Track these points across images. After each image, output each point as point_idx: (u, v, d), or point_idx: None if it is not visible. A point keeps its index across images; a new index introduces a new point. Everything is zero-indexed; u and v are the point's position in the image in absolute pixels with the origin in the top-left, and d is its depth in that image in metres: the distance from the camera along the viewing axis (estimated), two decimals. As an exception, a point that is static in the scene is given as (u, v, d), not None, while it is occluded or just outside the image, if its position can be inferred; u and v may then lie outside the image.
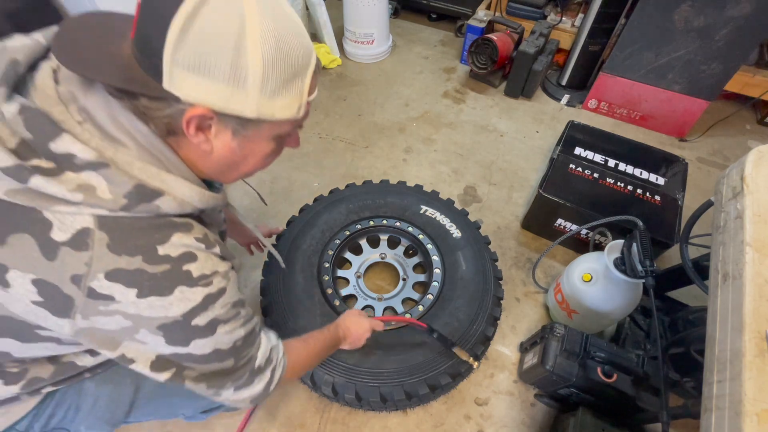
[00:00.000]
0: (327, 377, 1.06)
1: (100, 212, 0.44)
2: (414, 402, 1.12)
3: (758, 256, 0.62)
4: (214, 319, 0.54)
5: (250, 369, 0.64)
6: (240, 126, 0.48)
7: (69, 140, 0.43)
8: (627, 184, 1.45)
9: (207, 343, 0.55)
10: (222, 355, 0.58)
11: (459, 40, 2.58)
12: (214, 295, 0.53)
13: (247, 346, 0.62)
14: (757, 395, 0.52)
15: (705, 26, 1.64)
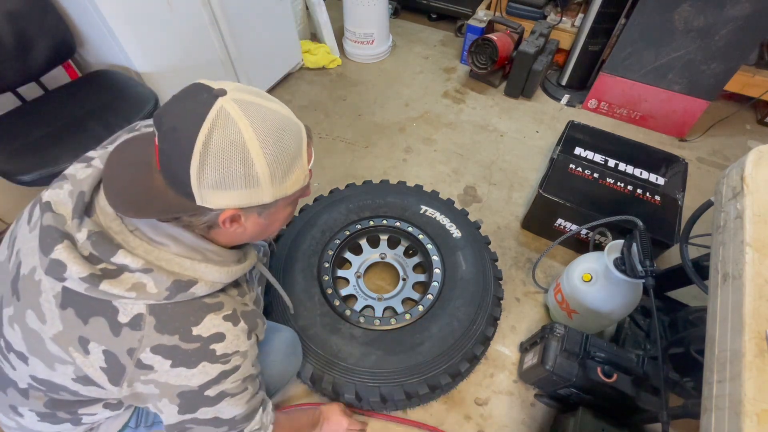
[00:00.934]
0: (327, 376, 1.06)
1: (150, 301, 0.57)
2: (414, 402, 1.12)
3: (758, 256, 0.62)
4: (223, 391, 0.63)
5: None
6: (263, 209, 0.60)
7: (123, 254, 0.56)
8: (627, 184, 1.45)
9: (211, 410, 0.64)
10: (219, 423, 0.66)
11: (459, 40, 2.58)
12: (229, 371, 0.62)
13: (244, 420, 0.70)
14: (757, 395, 0.52)
15: (705, 26, 1.64)
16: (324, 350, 1.08)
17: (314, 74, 2.31)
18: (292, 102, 2.15)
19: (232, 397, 0.65)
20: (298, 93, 2.20)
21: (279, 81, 2.20)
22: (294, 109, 2.25)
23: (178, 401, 0.61)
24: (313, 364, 1.08)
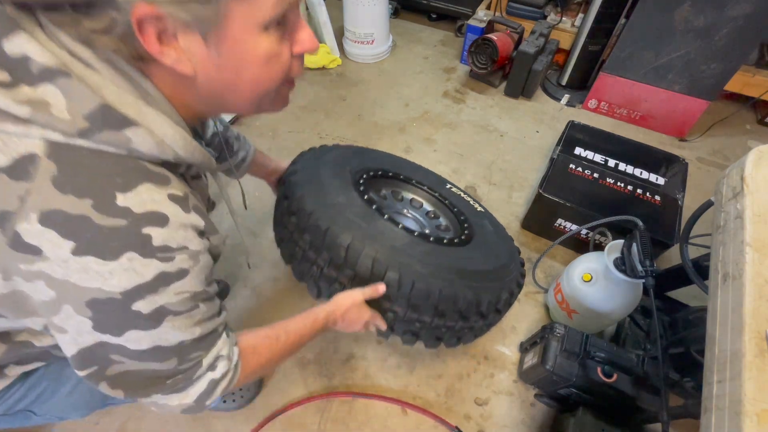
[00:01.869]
0: (368, 249, 0.85)
1: (53, 137, 0.35)
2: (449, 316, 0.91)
3: (758, 256, 0.62)
4: (162, 307, 0.43)
5: (186, 377, 0.52)
6: (204, 22, 0.36)
7: (23, 39, 0.33)
8: (627, 184, 1.45)
9: (146, 336, 0.44)
10: (162, 354, 0.47)
11: (459, 40, 2.58)
12: (171, 275, 0.42)
13: (198, 348, 0.51)
14: (757, 395, 0.52)
15: (705, 26, 1.64)
16: (368, 224, 0.90)
17: (314, 74, 2.31)
18: (292, 102, 2.14)
19: (176, 317, 0.45)
20: (298, 93, 2.20)
21: (279, 81, 2.20)
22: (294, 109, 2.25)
23: (89, 313, 0.40)
24: (352, 233, 0.86)
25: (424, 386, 1.24)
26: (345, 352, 1.30)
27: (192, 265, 0.45)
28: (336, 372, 1.26)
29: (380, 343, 1.32)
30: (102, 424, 1.16)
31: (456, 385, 1.24)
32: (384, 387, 1.23)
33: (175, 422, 1.15)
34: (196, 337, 0.49)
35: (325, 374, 1.25)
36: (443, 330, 0.95)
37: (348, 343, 1.31)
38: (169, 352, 0.47)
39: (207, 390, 0.55)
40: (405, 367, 1.27)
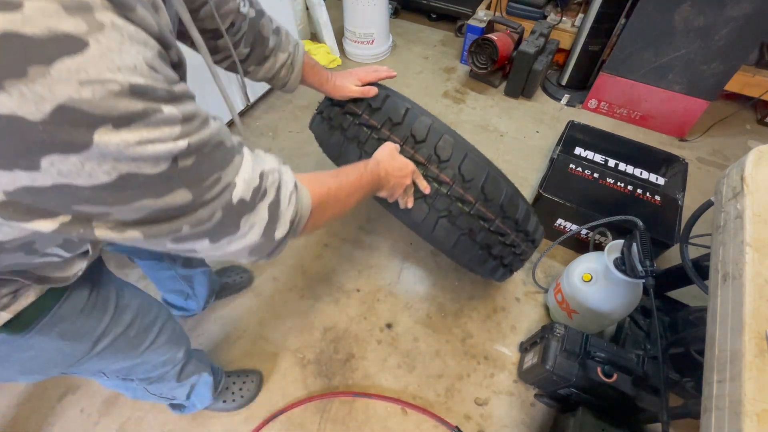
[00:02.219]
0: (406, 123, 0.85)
1: None
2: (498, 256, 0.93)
3: (758, 256, 0.62)
4: (65, 108, 0.26)
5: (224, 204, 0.39)
6: None
7: None
8: (627, 184, 1.45)
9: (89, 163, 0.29)
10: (152, 186, 0.33)
11: (459, 40, 2.58)
12: (38, 42, 0.25)
13: (209, 167, 0.37)
14: (757, 395, 0.52)
15: (705, 26, 1.64)
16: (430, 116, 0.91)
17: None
18: (292, 102, 2.15)
19: (122, 128, 0.29)
20: (298, 93, 2.19)
21: (279, 81, 2.20)
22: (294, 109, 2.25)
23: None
24: (412, 104, 0.90)
25: (424, 386, 1.24)
26: (345, 352, 1.30)
27: (87, 31, 0.26)
28: (336, 372, 1.26)
29: (380, 343, 1.32)
30: (102, 424, 1.16)
31: (456, 385, 1.24)
32: (384, 387, 1.23)
33: (174, 422, 1.15)
34: (185, 149, 0.33)
35: (325, 374, 1.25)
36: (480, 224, 0.90)
37: (348, 343, 1.31)
38: (161, 181, 0.32)
39: (270, 219, 0.45)
40: (405, 367, 1.27)
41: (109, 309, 0.63)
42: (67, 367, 0.62)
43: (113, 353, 0.66)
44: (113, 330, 0.64)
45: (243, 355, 1.29)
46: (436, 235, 0.90)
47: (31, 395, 1.21)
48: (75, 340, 0.58)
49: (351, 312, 1.39)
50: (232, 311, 1.38)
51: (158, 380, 0.84)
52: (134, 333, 0.69)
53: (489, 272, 1.03)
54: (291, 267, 1.49)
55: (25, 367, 0.57)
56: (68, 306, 0.56)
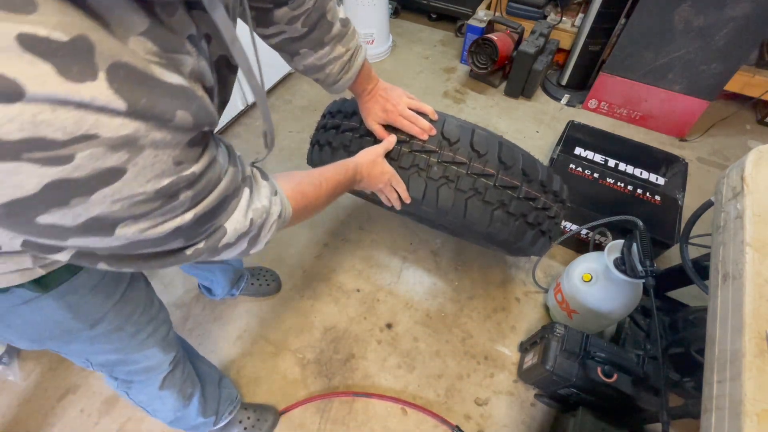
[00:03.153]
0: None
1: None
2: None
3: (758, 256, 0.62)
4: (98, 218, 0.31)
5: (211, 247, 0.44)
6: None
7: None
8: (627, 184, 1.45)
9: (108, 240, 0.34)
10: (154, 243, 0.37)
11: (459, 40, 2.58)
12: (83, 182, 0.28)
13: (206, 222, 0.41)
14: (757, 395, 0.52)
15: (705, 26, 1.64)
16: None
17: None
18: (292, 102, 2.15)
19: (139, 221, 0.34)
20: (298, 93, 2.20)
21: (279, 81, 2.20)
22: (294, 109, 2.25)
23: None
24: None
25: (424, 386, 1.24)
26: (345, 352, 1.30)
27: (127, 159, 0.29)
28: (336, 372, 1.26)
29: (380, 343, 1.32)
30: (102, 424, 1.16)
31: (456, 385, 1.24)
32: (384, 387, 1.23)
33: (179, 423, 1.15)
34: (191, 220, 0.37)
35: (325, 374, 1.25)
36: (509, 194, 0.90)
37: (348, 343, 1.31)
38: (163, 240, 0.37)
39: (248, 247, 0.50)
40: (405, 367, 1.27)
41: (115, 294, 0.64)
42: (61, 342, 0.63)
43: (105, 341, 0.66)
44: (111, 317, 0.65)
45: (243, 355, 1.29)
46: (469, 218, 0.88)
47: (31, 395, 1.21)
48: (77, 316, 0.60)
49: (351, 312, 1.39)
50: (232, 311, 1.38)
51: (140, 384, 0.81)
52: (129, 326, 0.69)
53: (530, 244, 0.99)
54: (291, 267, 1.49)
55: (26, 331, 0.58)
56: (83, 279, 0.58)
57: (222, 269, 1.20)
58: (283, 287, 1.44)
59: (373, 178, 0.81)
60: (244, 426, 1.11)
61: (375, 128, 0.90)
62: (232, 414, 1.07)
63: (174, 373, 0.84)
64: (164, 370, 0.81)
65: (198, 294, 1.41)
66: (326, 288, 1.45)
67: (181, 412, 0.92)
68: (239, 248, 0.49)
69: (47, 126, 0.25)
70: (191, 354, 0.98)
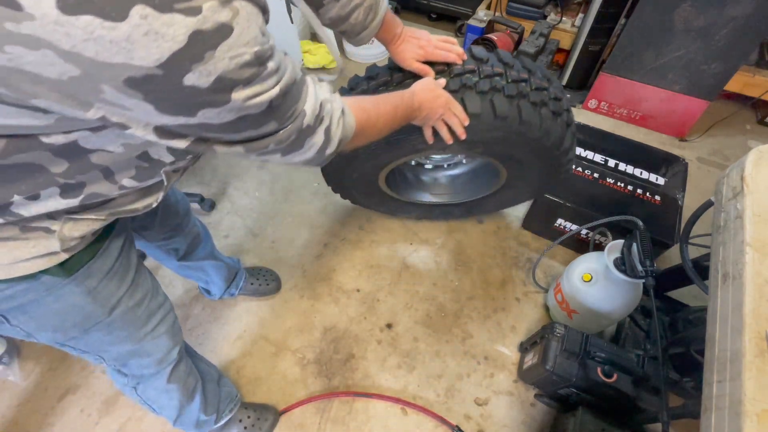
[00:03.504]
0: None
1: None
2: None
3: (758, 256, 0.62)
4: (222, 77, 0.37)
5: (297, 129, 0.51)
6: None
7: None
8: (627, 184, 1.45)
9: (224, 111, 0.40)
10: (255, 121, 0.44)
11: (459, 40, 2.58)
12: (210, 34, 0.34)
13: (290, 103, 0.48)
14: (757, 395, 0.52)
15: (705, 26, 1.63)
16: None
17: (314, 74, 2.31)
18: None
19: (247, 87, 0.40)
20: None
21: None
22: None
23: (139, 95, 0.35)
24: None
25: (424, 386, 1.24)
26: (345, 352, 1.30)
27: (232, 17, 0.35)
28: (336, 372, 1.26)
29: (380, 343, 1.32)
30: (102, 424, 1.16)
31: (456, 385, 1.24)
32: (384, 387, 1.23)
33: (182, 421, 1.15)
34: (279, 93, 0.44)
35: (325, 374, 1.25)
36: (544, 93, 0.98)
37: (348, 343, 1.32)
38: (262, 118, 0.45)
39: (325, 140, 0.56)
40: (405, 367, 1.27)
41: (127, 279, 0.68)
42: (82, 331, 0.65)
43: (121, 326, 0.69)
44: (126, 301, 0.68)
45: (243, 355, 1.29)
46: (525, 119, 0.96)
47: (31, 395, 1.21)
48: (96, 300, 0.63)
49: (351, 312, 1.39)
50: (232, 311, 1.38)
51: (150, 379, 0.83)
52: (141, 311, 0.71)
53: (569, 147, 1.09)
54: (291, 267, 1.49)
55: (49, 320, 0.61)
56: (99, 264, 0.61)
57: (215, 267, 1.20)
58: (283, 287, 1.44)
59: (431, 103, 0.85)
60: (244, 425, 1.11)
61: (416, 66, 0.93)
62: (232, 412, 1.08)
63: (179, 365, 0.87)
64: (173, 361, 0.84)
65: (198, 294, 1.41)
66: (326, 288, 1.45)
67: (185, 408, 0.93)
68: (318, 137, 0.55)
69: None
70: (189, 351, 0.99)
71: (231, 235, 1.60)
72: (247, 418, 1.12)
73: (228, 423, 1.08)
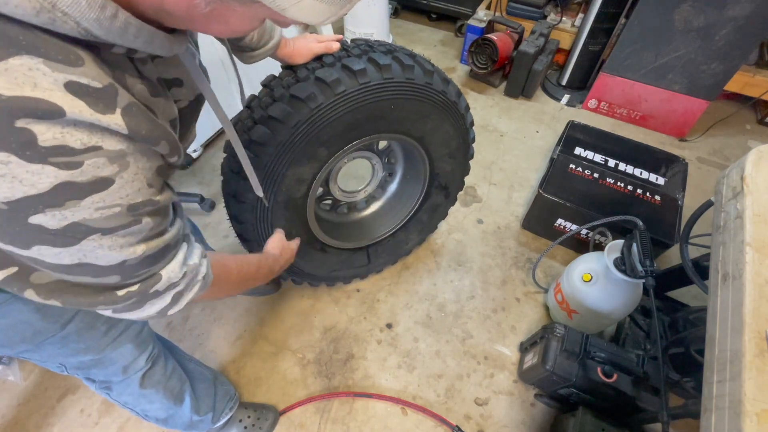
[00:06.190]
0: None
1: None
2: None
3: (758, 256, 0.62)
4: (78, 224, 0.35)
5: (141, 292, 0.46)
6: None
7: None
8: (627, 184, 1.45)
9: (65, 253, 0.37)
10: (96, 271, 0.40)
11: (459, 40, 2.58)
12: (83, 186, 0.34)
13: (148, 264, 0.44)
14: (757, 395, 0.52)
15: (705, 26, 1.64)
16: None
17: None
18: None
19: (106, 236, 0.38)
20: (298, 93, 2.20)
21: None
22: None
23: None
24: None
25: (424, 386, 1.24)
26: (345, 352, 1.30)
27: (117, 171, 0.35)
28: (336, 372, 1.26)
29: (380, 343, 1.32)
30: (102, 424, 1.16)
31: (456, 385, 1.24)
32: (384, 387, 1.23)
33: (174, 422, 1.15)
34: (139, 255, 0.42)
35: (325, 374, 1.25)
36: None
37: (348, 343, 1.31)
38: (106, 270, 0.41)
39: (170, 303, 0.51)
40: (405, 367, 1.27)
41: None
42: (33, 345, 0.62)
43: (77, 340, 0.66)
44: (82, 316, 0.64)
45: (243, 355, 1.29)
46: (408, 66, 1.02)
47: (31, 395, 1.21)
48: (46, 316, 0.60)
49: (351, 312, 1.39)
50: (232, 311, 1.38)
51: (119, 386, 0.81)
52: (101, 323, 0.68)
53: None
54: (291, 267, 1.49)
55: None
56: None
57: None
58: (283, 287, 1.44)
59: (287, 261, 0.94)
60: (244, 425, 1.11)
61: (320, 47, 0.92)
62: (231, 411, 1.07)
63: (154, 370, 0.83)
64: (141, 368, 0.80)
65: (198, 294, 1.41)
66: (326, 288, 1.45)
67: (173, 410, 0.91)
68: (163, 301, 0.50)
69: (71, 136, 0.32)
70: (176, 353, 0.97)
71: (231, 235, 1.59)
72: (247, 417, 1.12)
73: (228, 423, 1.08)
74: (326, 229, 1.20)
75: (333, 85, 0.86)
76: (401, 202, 1.34)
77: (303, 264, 1.17)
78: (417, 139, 1.10)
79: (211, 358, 1.28)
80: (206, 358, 1.27)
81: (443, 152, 1.18)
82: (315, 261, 1.20)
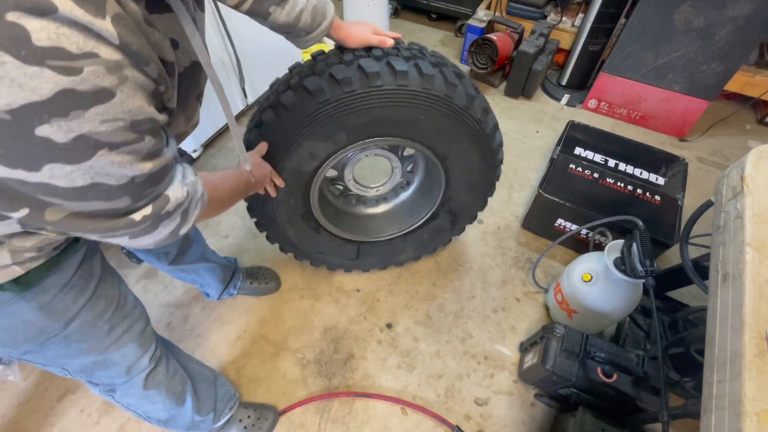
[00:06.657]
0: None
1: None
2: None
3: (758, 256, 0.62)
4: (86, 137, 0.35)
5: (155, 214, 0.48)
6: None
7: None
8: (627, 184, 1.45)
9: (77, 172, 0.37)
10: (107, 192, 0.40)
11: (459, 40, 2.58)
12: (85, 95, 0.33)
13: (153, 183, 0.45)
14: (757, 395, 0.52)
15: (705, 26, 1.64)
16: None
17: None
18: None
19: (114, 151, 0.38)
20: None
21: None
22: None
23: None
24: None
25: (424, 386, 1.24)
26: (345, 352, 1.30)
27: (117, 84, 0.35)
28: (336, 372, 1.26)
29: (380, 343, 1.32)
30: (102, 424, 1.16)
31: (456, 385, 1.24)
32: (384, 387, 1.23)
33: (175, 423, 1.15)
34: (146, 172, 0.42)
35: (325, 374, 1.25)
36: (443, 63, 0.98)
37: (348, 343, 1.31)
38: (116, 191, 0.41)
39: (180, 221, 0.53)
40: (405, 367, 1.27)
41: (87, 291, 0.65)
42: (36, 345, 0.62)
43: (80, 339, 0.66)
44: (85, 314, 0.65)
45: (243, 355, 1.29)
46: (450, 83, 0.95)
47: (31, 395, 1.21)
48: (50, 315, 0.60)
49: (351, 312, 1.39)
50: (232, 311, 1.38)
51: (123, 387, 0.81)
52: (104, 322, 0.68)
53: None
54: (291, 267, 1.49)
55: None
56: (54, 278, 0.59)
57: (208, 269, 1.20)
58: (282, 287, 1.44)
59: (263, 178, 0.93)
60: (244, 425, 1.10)
61: (374, 39, 0.93)
62: (231, 411, 1.07)
63: (157, 370, 0.83)
64: (145, 368, 0.80)
65: (198, 294, 1.41)
66: (326, 288, 1.45)
67: (175, 410, 0.91)
68: (174, 221, 0.52)
69: (66, 39, 0.31)
70: (177, 353, 0.97)
71: (231, 235, 1.60)
72: (247, 417, 1.12)
73: (227, 423, 1.08)
74: (327, 212, 1.21)
75: (372, 77, 0.87)
76: (408, 213, 1.34)
77: (292, 234, 1.18)
78: (440, 158, 1.10)
79: (211, 358, 1.28)
80: (206, 358, 1.27)
81: (463, 180, 1.17)
82: (305, 236, 1.22)
